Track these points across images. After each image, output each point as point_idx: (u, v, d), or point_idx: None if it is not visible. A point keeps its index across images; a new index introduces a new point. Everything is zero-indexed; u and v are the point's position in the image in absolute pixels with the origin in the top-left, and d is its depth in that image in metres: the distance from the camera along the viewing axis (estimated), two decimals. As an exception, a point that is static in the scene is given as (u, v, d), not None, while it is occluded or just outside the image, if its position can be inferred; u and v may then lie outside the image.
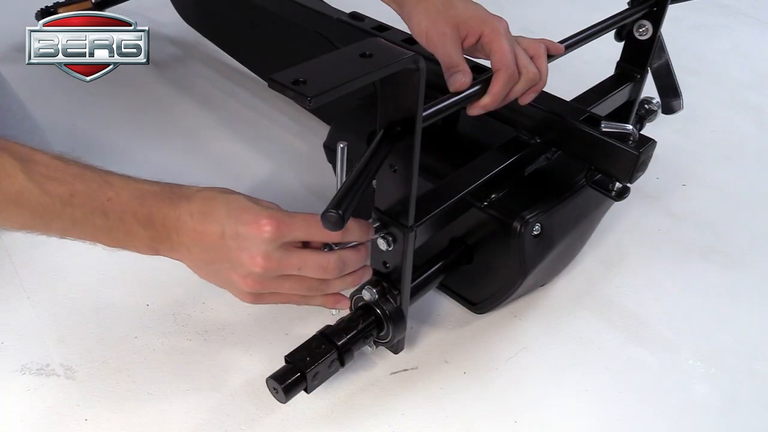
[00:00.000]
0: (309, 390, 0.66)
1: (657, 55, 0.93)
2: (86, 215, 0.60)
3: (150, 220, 0.61)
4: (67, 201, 0.59)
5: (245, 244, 0.61)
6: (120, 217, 0.61)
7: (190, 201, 0.62)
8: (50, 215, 0.59)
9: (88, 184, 0.60)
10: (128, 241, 0.62)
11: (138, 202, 0.61)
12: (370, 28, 0.94)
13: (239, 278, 0.63)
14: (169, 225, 0.62)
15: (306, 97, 0.46)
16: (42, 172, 0.59)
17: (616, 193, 0.77)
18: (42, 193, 0.58)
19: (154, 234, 0.62)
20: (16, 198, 0.57)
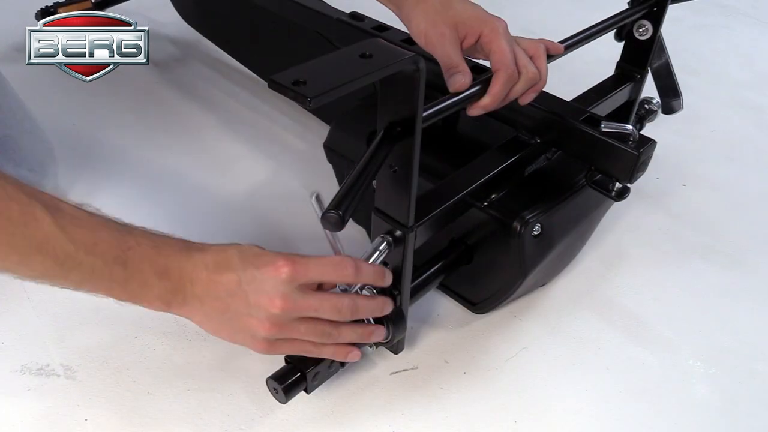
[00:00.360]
0: (309, 390, 0.66)
1: (657, 55, 0.93)
2: (107, 264, 0.59)
3: (166, 270, 0.61)
4: (90, 249, 0.58)
5: (263, 287, 0.61)
6: (138, 267, 0.60)
7: (205, 253, 0.63)
8: (72, 264, 0.58)
9: (111, 233, 0.60)
10: (143, 294, 0.62)
11: (155, 252, 0.61)
12: (370, 28, 0.94)
13: (257, 323, 0.62)
14: (185, 276, 0.62)
15: (306, 97, 0.46)
16: (68, 220, 0.58)
17: (616, 194, 0.77)
18: (68, 240, 0.57)
19: (169, 285, 0.62)
20: (42, 245, 0.57)
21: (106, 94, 1.25)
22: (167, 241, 0.63)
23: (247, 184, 1.07)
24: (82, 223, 0.59)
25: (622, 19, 0.87)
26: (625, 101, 0.94)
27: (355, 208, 0.54)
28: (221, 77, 1.36)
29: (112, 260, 0.59)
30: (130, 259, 0.60)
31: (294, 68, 0.49)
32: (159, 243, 0.62)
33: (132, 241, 0.61)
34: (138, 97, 1.27)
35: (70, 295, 0.84)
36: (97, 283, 0.60)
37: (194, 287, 0.62)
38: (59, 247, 0.57)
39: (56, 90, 1.23)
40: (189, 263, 0.62)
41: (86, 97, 1.23)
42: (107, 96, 1.25)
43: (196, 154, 1.14)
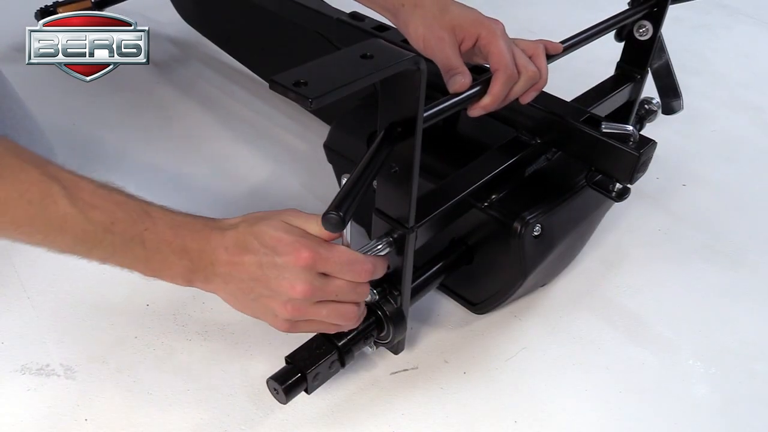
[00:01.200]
0: (309, 391, 0.66)
1: (657, 55, 0.93)
2: (125, 243, 0.61)
3: (185, 250, 0.62)
4: (108, 228, 0.60)
5: (285, 274, 0.61)
6: (156, 247, 0.62)
7: (224, 233, 0.63)
8: (92, 242, 0.60)
9: (128, 213, 0.61)
10: (164, 271, 0.63)
11: (172, 233, 0.62)
12: (370, 28, 0.94)
13: (279, 305, 0.63)
14: (204, 257, 0.63)
15: (307, 98, 0.46)
16: (86, 200, 0.60)
17: (616, 194, 0.76)
18: (85, 220, 0.59)
19: (190, 265, 0.63)
20: (60, 224, 0.59)
21: (106, 94, 1.25)
22: (185, 221, 0.64)
23: (247, 184, 1.07)
24: (100, 203, 0.60)
25: (622, 19, 0.87)
26: (625, 101, 0.94)
27: (356, 208, 0.54)
28: (221, 77, 1.36)
29: (129, 239, 0.61)
30: (147, 239, 0.61)
31: (295, 69, 0.49)
32: (177, 223, 0.63)
33: (149, 221, 0.61)
34: (138, 97, 1.27)
35: (70, 295, 0.84)
36: (120, 260, 0.62)
37: (216, 267, 0.63)
38: (78, 227, 0.59)
39: (56, 90, 1.23)
40: (208, 245, 0.63)
41: (86, 97, 1.23)
42: (107, 96, 1.25)
43: (195, 154, 1.14)
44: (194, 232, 0.63)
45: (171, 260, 0.62)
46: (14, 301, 0.84)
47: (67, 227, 0.59)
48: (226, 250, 0.62)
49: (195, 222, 0.64)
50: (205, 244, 0.63)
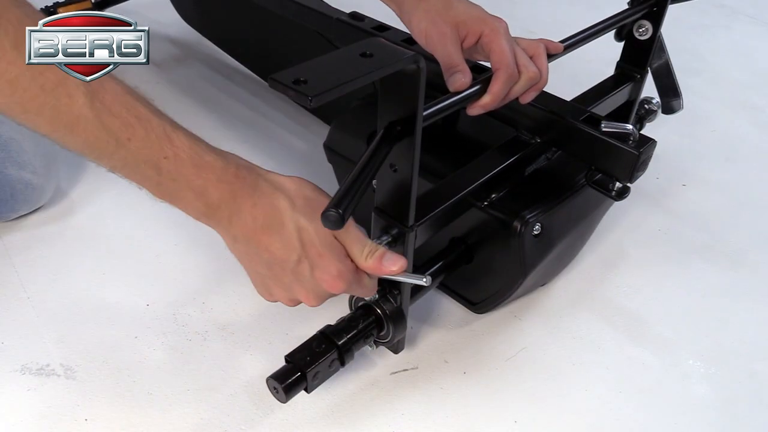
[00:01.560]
0: (309, 390, 0.66)
1: (657, 55, 0.93)
2: (138, 163, 0.56)
3: (204, 193, 0.58)
4: (122, 143, 0.54)
5: (307, 284, 0.61)
6: (173, 177, 0.57)
7: (257, 200, 0.59)
8: (102, 151, 0.55)
9: (148, 133, 0.55)
10: (176, 200, 0.59)
11: (195, 171, 0.57)
12: (370, 28, 0.94)
13: (282, 296, 0.64)
14: (224, 209, 0.59)
15: (307, 96, 0.46)
16: (106, 103, 0.54)
17: (616, 193, 0.76)
18: (100, 126, 0.53)
19: (204, 209, 0.59)
20: (71, 124, 0.53)
21: (106, 94, 1.24)
22: (213, 164, 0.58)
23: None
24: (120, 112, 0.54)
25: (622, 19, 0.87)
26: (625, 101, 0.94)
27: (356, 207, 0.54)
28: (221, 77, 1.36)
29: (143, 161, 0.56)
30: (164, 167, 0.56)
31: (294, 67, 0.49)
32: (203, 163, 0.58)
33: (169, 150, 0.56)
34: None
35: (70, 295, 0.85)
36: (130, 175, 0.57)
37: (233, 227, 0.60)
38: (90, 132, 0.53)
39: (56, 90, 1.22)
40: (233, 202, 0.59)
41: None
42: (107, 96, 1.24)
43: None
44: (221, 180, 0.58)
45: (185, 195, 0.58)
46: (14, 301, 0.84)
47: (79, 129, 0.53)
48: (254, 220, 0.59)
49: (225, 168, 0.59)
50: (230, 200, 0.59)
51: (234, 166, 0.60)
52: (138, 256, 0.91)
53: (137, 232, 0.95)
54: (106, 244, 0.93)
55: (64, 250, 0.91)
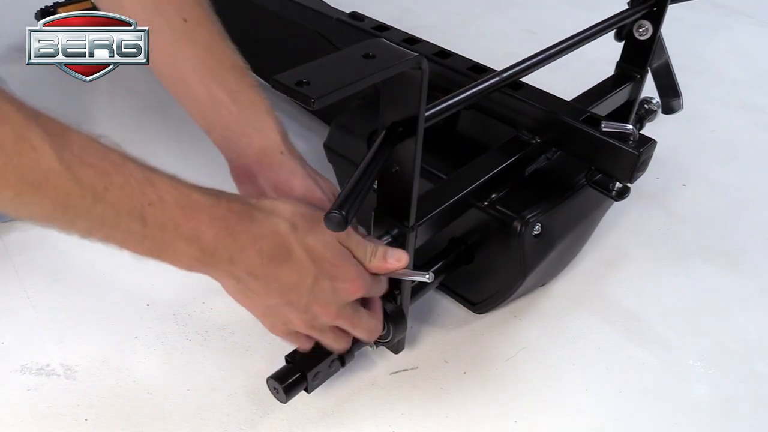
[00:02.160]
0: (310, 390, 0.66)
1: (657, 55, 0.93)
2: (120, 216, 0.50)
3: (197, 236, 0.53)
4: (100, 196, 0.48)
5: (326, 297, 0.60)
6: (160, 227, 0.52)
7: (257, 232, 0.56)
8: (76, 209, 0.48)
9: (127, 179, 0.50)
10: (164, 253, 0.54)
11: (184, 214, 0.52)
12: (370, 28, 0.94)
13: (296, 319, 0.62)
14: (222, 252, 0.55)
15: (310, 98, 0.46)
16: (76, 153, 0.47)
17: (616, 193, 0.76)
18: (72, 180, 0.46)
19: (199, 255, 0.54)
20: (40, 182, 0.45)
21: (106, 94, 1.25)
22: (202, 202, 0.54)
23: (247, 184, 1.06)
24: (93, 161, 0.48)
25: (621, 19, 0.87)
26: (624, 101, 0.94)
27: (359, 208, 0.54)
28: (221, 77, 1.36)
29: (126, 212, 0.50)
30: (149, 216, 0.51)
31: (297, 68, 0.48)
32: (190, 203, 0.53)
33: (153, 194, 0.51)
34: (138, 97, 1.27)
35: (70, 295, 0.84)
36: (109, 234, 0.51)
37: (235, 267, 0.56)
38: (61, 188, 0.46)
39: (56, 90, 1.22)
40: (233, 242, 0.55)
41: (86, 97, 1.23)
42: (107, 96, 1.25)
43: (196, 155, 1.13)
44: (214, 218, 0.54)
45: (176, 245, 0.53)
46: (14, 301, 0.84)
47: (48, 187, 0.46)
48: (259, 254, 0.56)
49: (216, 205, 0.55)
50: (228, 238, 0.54)
51: (224, 200, 0.56)
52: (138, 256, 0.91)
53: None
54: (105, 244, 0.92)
55: (64, 250, 0.91)
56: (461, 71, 0.85)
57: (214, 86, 0.68)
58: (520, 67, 0.74)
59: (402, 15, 1.64)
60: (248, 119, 0.68)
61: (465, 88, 0.69)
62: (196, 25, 0.68)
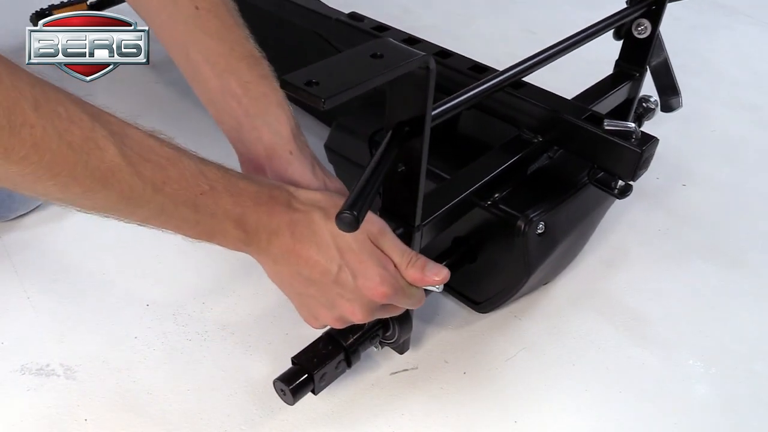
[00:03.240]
0: (316, 391, 0.66)
1: (656, 53, 0.93)
2: (176, 206, 0.54)
3: (242, 221, 0.57)
4: (159, 188, 0.52)
5: (351, 296, 0.60)
6: (211, 213, 0.56)
7: (294, 216, 0.59)
8: (138, 201, 0.52)
9: (182, 172, 0.54)
10: (214, 237, 0.58)
11: (233, 201, 0.57)
12: (370, 28, 0.94)
13: (327, 315, 0.62)
14: (262, 232, 0.58)
15: (320, 98, 0.46)
16: (136, 150, 0.51)
17: (618, 191, 0.76)
18: (135, 175, 0.50)
19: (244, 236, 0.58)
20: (106, 177, 0.49)
21: (106, 94, 1.24)
22: (248, 189, 0.58)
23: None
24: (152, 156, 0.52)
25: (620, 18, 0.86)
26: (623, 99, 0.94)
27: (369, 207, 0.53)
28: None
29: (182, 202, 0.54)
30: (202, 203, 0.55)
31: (306, 69, 0.48)
32: (238, 190, 0.57)
33: (205, 184, 0.55)
34: (138, 97, 1.27)
35: (70, 295, 0.84)
36: (165, 222, 0.56)
37: (271, 246, 0.59)
38: (125, 182, 0.50)
39: (56, 90, 1.22)
40: (270, 221, 0.58)
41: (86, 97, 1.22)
42: (107, 96, 1.24)
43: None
44: (258, 203, 0.58)
45: (224, 228, 0.57)
46: (14, 301, 0.84)
47: (114, 181, 0.50)
48: (292, 236, 0.58)
49: (260, 192, 0.59)
50: (267, 220, 0.58)
51: (267, 188, 0.60)
52: (138, 256, 0.91)
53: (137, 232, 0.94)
54: (105, 244, 0.92)
55: (64, 250, 0.91)
56: (462, 71, 0.85)
57: (225, 76, 0.69)
58: (523, 66, 0.74)
59: (402, 15, 1.64)
60: (258, 112, 0.69)
61: (469, 88, 0.69)
62: (207, 13, 0.69)
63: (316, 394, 0.67)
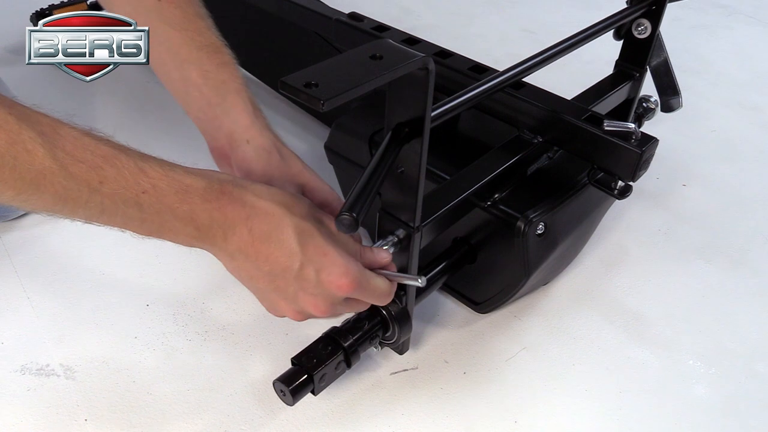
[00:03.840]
0: (316, 392, 0.66)
1: (656, 53, 0.93)
2: (117, 205, 0.52)
3: (192, 218, 0.55)
4: (95, 188, 0.51)
5: (313, 290, 0.60)
6: (156, 211, 0.54)
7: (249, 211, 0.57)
8: (75, 202, 0.51)
9: (120, 171, 0.52)
10: (163, 233, 0.56)
11: (178, 198, 0.55)
12: (370, 28, 0.93)
13: (288, 310, 0.62)
14: (216, 229, 0.57)
15: (319, 100, 0.46)
16: (68, 151, 0.50)
17: (618, 192, 0.77)
18: (67, 176, 0.49)
19: (196, 233, 0.56)
20: (37, 180, 0.48)
21: (106, 94, 1.25)
22: (194, 185, 0.56)
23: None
24: (86, 156, 0.51)
25: (620, 18, 0.86)
26: (624, 100, 0.94)
27: (368, 209, 0.53)
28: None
29: (122, 202, 0.52)
30: (145, 202, 0.53)
31: (305, 70, 0.48)
32: (183, 187, 0.55)
33: (146, 183, 0.53)
34: (138, 97, 1.27)
35: (70, 295, 0.84)
36: (110, 221, 0.54)
37: (228, 243, 0.58)
38: (58, 184, 0.49)
39: (56, 90, 1.22)
40: (224, 219, 0.57)
41: (86, 97, 1.23)
42: (107, 96, 1.25)
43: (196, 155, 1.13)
44: (207, 200, 0.56)
45: (173, 225, 0.55)
46: (14, 301, 0.84)
47: (46, 184, 0.49)
48: (250, 232, 0.57)
49: (209, 187, 0.57)
50: (221, 217, 0.56)
51: (217, 183, 0.58)
52: (138, 256, 0.91)
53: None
54: (105, 244, 0.92)
55: (64, 250, 0.91)
56: (462, 71, 0.85)
57: (186, 66, 0.69)
58: (523, 66, 0.74)
59: (401, 15, 1.64)
60: (218, 101, 0.69)
61: (469, 89, 0.68)
62: (169, 4, 0.69)
63: (315, 395, 0.67)
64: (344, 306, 0.64)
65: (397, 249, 0.66)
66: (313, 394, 0.66)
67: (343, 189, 0.95)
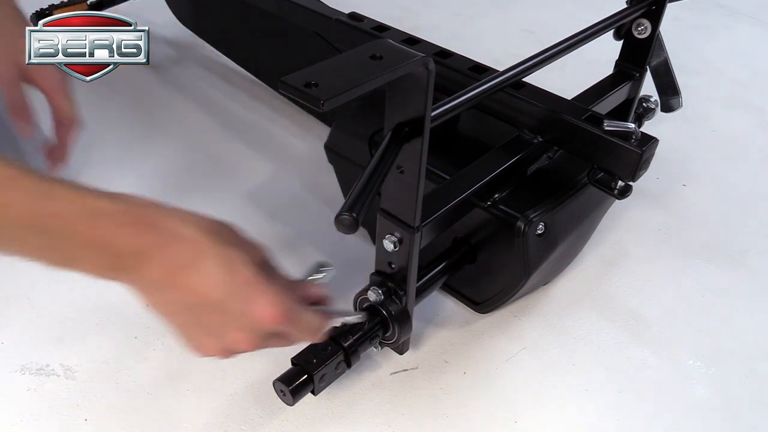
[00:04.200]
0: (316, 392, 0.66)
1: (656, 53, 0.93)
2: (23, 232, 0.49)
3: (104, 246, 0.51)
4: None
5: (241, 324, 0.56)
6: (64, 237, 0.50)
7: (165, 240, 0.53)
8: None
9: (25, 195, 0.48)
10: (74, 263, 0.52)
11: (86, 224, 0.50)
12: (370, 28, 0.93)
13: (212, 343, 0.58)
14: (131, 259, 0.52)
15: (319, 100, 0.46)
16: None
17: (618, 192, 0.77)
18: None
19: (108, 263, 0.52)
20: None
21: (106, 94, 1.24)
22: (106, 208, 0.51)
23: (247, 186, 1.06)
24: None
25: (620, 18, 0.86)
26: (623, 100, 0.94)
27: (368, 210, 0.53)
28: (218, 78, 1.36)
29: (28, 228, 0.49)
30: (51, 228, 0.49)
31: (305, 70, 0.48)
32: (94, 212, 0.51)
33: (52, 206, 0.49)
34: (138, 98, 1.27)
35: (70, 295, 0.84)
36: (18, 249, 0.51)
37: (141, 274, 0.53)
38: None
39: (56, 90, 1.22)
40: (141, 244, 0.52)
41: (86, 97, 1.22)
42: (107, 96, 1.24)
43: (196, 155, 1.13)
44: (121, 226, 0.51)
45: (83, 254, 0.51)
46: (14, 301, 0.84)
47: None
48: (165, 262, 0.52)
49: (123, 212, 0.52)
50: (135, 244, 0.52)
51: (135, 207, 0.53)
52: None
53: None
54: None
55: (64, 250, 0.91)
56: (462, 71, 0.85)
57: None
58: (523, 66, 0.74)
59: (401, 15, 1.64)
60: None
61: (469, 88, 0.68)
62: None
63: (315, 395, 0.67)
64: (274, 340, 0.60)
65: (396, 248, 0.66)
66: (313, 394, 0.66)
67: (343, 189, 0.95)
